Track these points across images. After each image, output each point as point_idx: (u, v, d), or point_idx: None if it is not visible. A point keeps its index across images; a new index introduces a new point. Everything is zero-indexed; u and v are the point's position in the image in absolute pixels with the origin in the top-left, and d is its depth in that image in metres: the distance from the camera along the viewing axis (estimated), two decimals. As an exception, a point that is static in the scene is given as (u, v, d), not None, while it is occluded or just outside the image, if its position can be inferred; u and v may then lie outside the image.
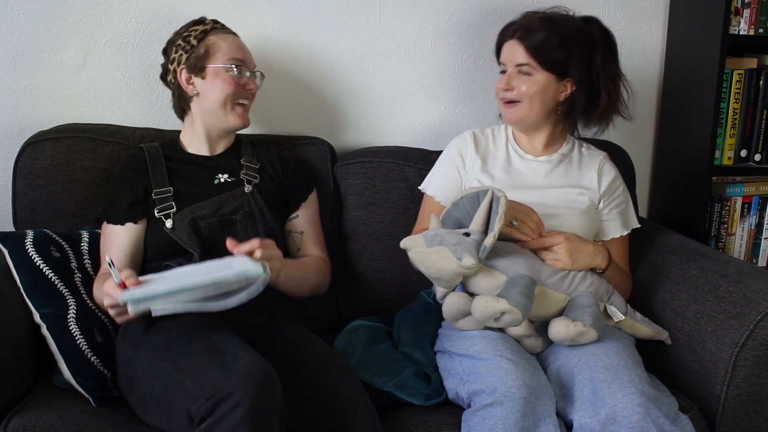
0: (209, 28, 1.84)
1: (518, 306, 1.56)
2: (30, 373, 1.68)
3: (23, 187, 1.95)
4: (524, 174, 1.92)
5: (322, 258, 1.93)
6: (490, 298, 1.58)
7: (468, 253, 1.59)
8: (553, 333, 1.63)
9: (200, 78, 1.83)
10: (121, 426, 1.55)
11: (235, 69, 1.82)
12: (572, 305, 1.68)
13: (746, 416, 1.68)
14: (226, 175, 1.86)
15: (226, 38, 1.85)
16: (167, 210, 1.76)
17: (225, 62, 1.82)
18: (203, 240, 1.74)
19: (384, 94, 2.26)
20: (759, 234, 2.33)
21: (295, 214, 1.93)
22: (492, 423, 1.49)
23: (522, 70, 1.84)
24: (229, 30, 1.89)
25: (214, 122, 1.86)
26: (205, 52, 1.82)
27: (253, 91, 1.88)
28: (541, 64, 1.82)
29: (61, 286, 1.72)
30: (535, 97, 1.84)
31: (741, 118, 2.24)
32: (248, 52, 1.89)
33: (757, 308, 1.64)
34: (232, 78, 1.82)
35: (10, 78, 2.09)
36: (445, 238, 1.62)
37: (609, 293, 1.77)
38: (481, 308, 1.58)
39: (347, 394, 1.54)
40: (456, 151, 1.96)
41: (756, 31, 2.18)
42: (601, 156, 1.98)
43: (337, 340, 1.85)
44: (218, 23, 1.88)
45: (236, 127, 1.87)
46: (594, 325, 1.62)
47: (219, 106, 1.83)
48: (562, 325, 1.62)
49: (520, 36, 1.84)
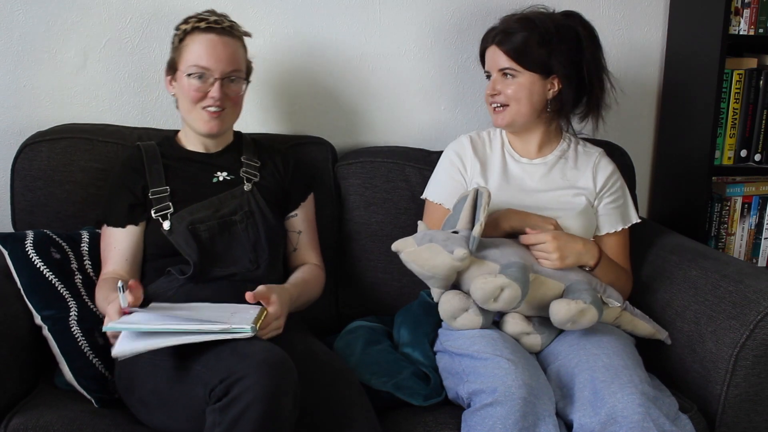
0: (190, 28, 1.77)
1: (517, 280, 1.57)
2: (30, 374, 1.68)
3: (21, 188, 1.95)
4: (520, 178, 1.92)
5: (318, 266, 1.91)
6: (488, 276, 1.59)
7: (459, 245, 1.61)
8: (554, 313, 1.61)
9: (174, 80, 1.81)
10: (121, 426, 1.55)
11: (195, 75, 1.74)
12: (570, 289, 1.68)
13: (746, 416, 1.68)
14: (225, 173, 1.85)
15: (199, 41, 1.75)
16: (164, 211, 1.75)
17: (187, 68, 1.75)
18: (202, 245, 1.73)
19: (384, 94, 2.26)
20: (759, 234, 2.33)
21: (293, 212, 1.92)
22: (492, 423, 1.49)
23: (506, 73, 1.85)
24: (217, 29, 1.77)
25: (190, 124, 1.83)
26: (179, 54, 1.78)
27: (216, 99, 1.75)
28: (522, 65, 1.82)
29: (61, 288, 1.72)
30: (522, 99, 1.84)
31: (741, 118, 2.24)
32: (225, 56, 1.75)
33: (757, 308, 1.65)
34: (191, 84, 1.75)
35: (10, 78, 2.09)
36: (435, 236, 1.64)
37: (603, 286, 1.77)
38: (480, 286, 1.59)
39: (346, 395, 1.55)
40: (455, 154, 1.95)
41: (756, 31, 2.18)
42: (597, 153, 1.97)
43: (337, 341, 1.85)
44: (204, 20, 1.77)
45: (203, 133, 1.81)
46: (594, 303, 1.61)
47: (186, 111, 1.80)
48: (563, 304, 1.60)
49: (499, 41, 1.85)
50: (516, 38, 1.82)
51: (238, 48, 1.81)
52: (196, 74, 1.75)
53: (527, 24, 1.83)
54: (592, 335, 1.68)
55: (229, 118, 1.82)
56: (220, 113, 1.78)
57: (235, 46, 1.80)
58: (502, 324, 1.71)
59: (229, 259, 1.75)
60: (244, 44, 1.84)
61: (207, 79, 1.75)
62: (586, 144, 2.00)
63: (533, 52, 1.82)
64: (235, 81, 1.79)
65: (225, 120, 1.81)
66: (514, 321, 1.70)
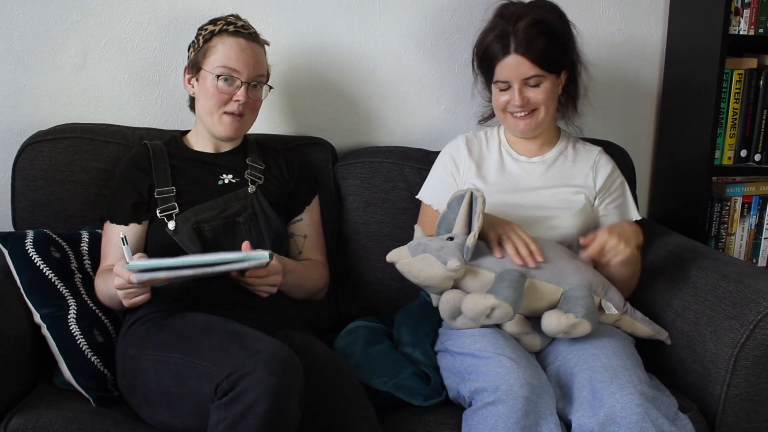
0: (218, 29, 1.79)
1: (507, 299, 1.57)
2: (30, 373, 1.68)
3: (22, 187, 1.95)
4: (518, 176, 1.91)
5: (322, 263, 1.93)
6: (478, 296, 1.60)
7: (452, 255, 1.61)
8: (545, 325, 1.62)
9: (196, 80, 1.82)
10: (121, 425, 1.55)
11: (223, 77, 1.76)
12: (565, 297, 1.68)
13: (746, 416, 1.68)
14: (231, 176, 1.85)
15: (228, 43, 1.77)
16: (170, 211, 1.76)
17: (214, 68, 1.76)
18: (207, 244, 1.73)
19: (384, 94, 2.26)
20: (759, 234, 2.33)
21: (299, 217, 1.92)
22: (493, 422, 1.49)
23: (530, 83, 1.82)
24: (245, 33, 1.80)
25: (208, 126, 1.83)
26: (203, 55, 1.79)
27: (241, 103, 1.77)
28: (547, 70, 1.81)
29: (61, 286, 1.72)
30: (550, 103, 1.85)
31: (741, 118, 2.24)
32: (252, 60, 1.79)
33: (757, 308, 1.64)
34: (217, 86, 1.77)
35: (10, 78, 2.09)
36: (429, 245, 1.65)
37: (605, 288, 1.76)
38: (470, 307, 1.60)
39: (346, 395, 1.55)
40: (449, 157, 1.96)
41: (756, 31, 2.18)
42: (596, 151, 1.97)
43: (337, 341, 1.85)
44: (233, 24, 1.79)
45: (222, 137, 1.82)
46: (587, 316, 1.60)
47: (207, 112, 1.80)
48: (554, 317, 1.61)
49: (518, 49, 1.79)
50: (538, 45, 1.78)
51: (262, 54, 1.85)
52: (224, 75, 1.76)
53: (542, 27, 1.80)
54: (592, 335, 1.67)
55: (247, 123, 1.85)
56: (240, 118, 1.80)
57: (260, 52, 1.84)
58: (502, 324, 1.71)
59: None
60: (265, 51, 1.87)
61: (234, 82, 1.77)
62: (585, 142, 2.00)
63: (552, 55, 1.81)
64: (258, 87, 1.82)
65: (244, 125, 1.84)
66: (514, 321, 1.70)
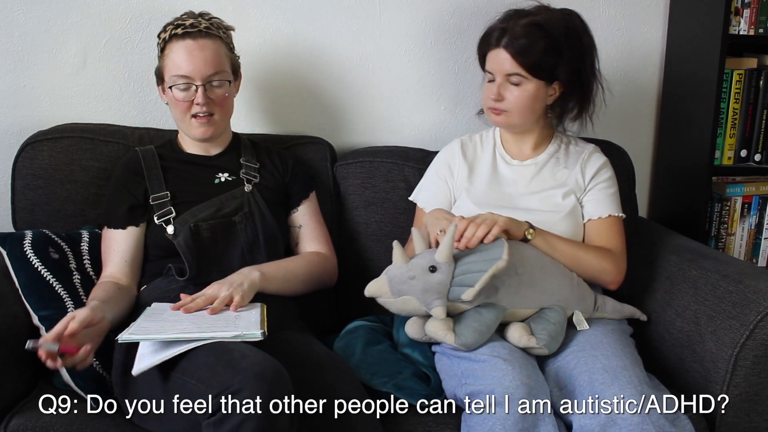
0: (168, 35, 1.76)
1: (464, 345, 1.60)
2: (30, 374, 1.68)
3: (22, 187, 1.95)
4: (509, 180, 1.90)
5: (316, 252, 1.90)
6: (440, 328, 1.62)
7: (437, 304, 1.60)
8: (509, 336, 1.66)
9: (162, 90, 1.81)
10: (121, 426, 1.55)
11: (177, 87, 1.74)
12: (539, 316, 1.69)
13: (746, 416, 1.68)
14: (227, 174, 1.85)
15: (176, 49, 1.74)
16: (167, 216, 1.76)
17: (170, 79, 1.75)
18: (203, 245, 1.73)
19: (384, 94, 2.26)
20: (759, 234, 2.33)
21: (295, 209, 1.92)
22: (491, 424, 1.49)
23: (511, 80, 1.80)
24: (193, 33, 1.74)
25: (184, 131, 1.83)
26: (162, 65, 1.78)
27: (201, 106, 1.74)
28: (531, 72, 1.78)
29: (59, 288, 1.72)
30: (526, 107, 1.82)
31: (741, 118, 2.24)
32: (203, 60, 1.73)
33: (757, 308, 1.64)
34: (176, 96, 1.75)
35: (10, 78, 2.09)
36: (410, 285, 1.61)
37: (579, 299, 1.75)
38: (431, 332, 1.64)
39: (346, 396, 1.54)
40: (443, 161, 1.95)
41: (756, 31, 2.18)
42: (587, 150, 1.94)
43: (337, 341, 1.85)
44: (181, 26, 1.74)
45: (198, 139, 1.81)
46: (548, 345, 1.64)
47: (179, 120, 1.80)
48: (517, 334, 1.65)
49: (506, 44, 1.78)
50: (525, 44, 1.76)
51: (218, 48, 1.77)
52: (178, 85, 1.74)
53: (537, 30, 1.77)
54: (591, 336, 1.68)
55: (219, 121, 1.80)
56: (209, 119, 1.77)
57: (214, 48, 1.76)
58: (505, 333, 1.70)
59: (226, 261, 1.76)
60: (226, 41, 1.81)
61: (190, 87, 1.74)
62: (578, 142, 1.97)
63: (542, 60, 1.77)
64: (218, 84, 1.77)
65: (216, 124, 1.80)
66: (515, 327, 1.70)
